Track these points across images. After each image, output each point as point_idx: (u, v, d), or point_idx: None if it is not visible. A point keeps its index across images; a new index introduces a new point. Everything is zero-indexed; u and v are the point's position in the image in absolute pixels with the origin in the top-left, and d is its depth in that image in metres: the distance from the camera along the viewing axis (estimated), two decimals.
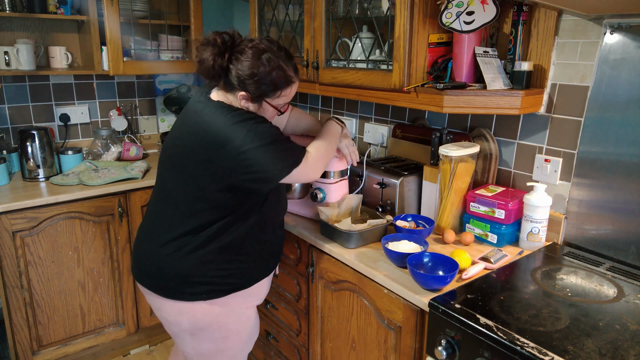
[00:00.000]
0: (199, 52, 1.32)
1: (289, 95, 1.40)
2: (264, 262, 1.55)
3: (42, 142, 2.27)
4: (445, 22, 1.46)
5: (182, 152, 1.38)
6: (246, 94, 1.33)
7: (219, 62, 1.30)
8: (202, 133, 1.33)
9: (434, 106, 1.48)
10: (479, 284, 1.31)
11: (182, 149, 1.39)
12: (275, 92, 1.36)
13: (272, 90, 1.35)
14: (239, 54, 1.31)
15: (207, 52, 1.30)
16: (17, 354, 2.14)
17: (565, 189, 1.56)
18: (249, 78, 1.30)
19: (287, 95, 1.40)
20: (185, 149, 1.37)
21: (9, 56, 2.25)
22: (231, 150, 1.28)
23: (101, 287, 2.31)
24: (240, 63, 1.30)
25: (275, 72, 1.32)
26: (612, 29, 1.38)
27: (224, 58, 1.30)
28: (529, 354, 1.00)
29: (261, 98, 1.35)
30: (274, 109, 1.41)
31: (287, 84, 1.37)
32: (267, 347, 2.10)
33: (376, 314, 1.46)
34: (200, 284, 1.42)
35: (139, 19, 2.49)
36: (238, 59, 1.31)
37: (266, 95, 1.36)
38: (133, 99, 2.82)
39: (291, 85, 1.38)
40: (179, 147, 1.41)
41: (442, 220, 1.63)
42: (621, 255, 1.44)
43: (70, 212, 2.13)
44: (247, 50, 1.31)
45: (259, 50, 1.31)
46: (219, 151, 1.29)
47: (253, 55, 1.30)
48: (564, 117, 1.53)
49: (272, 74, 1.32)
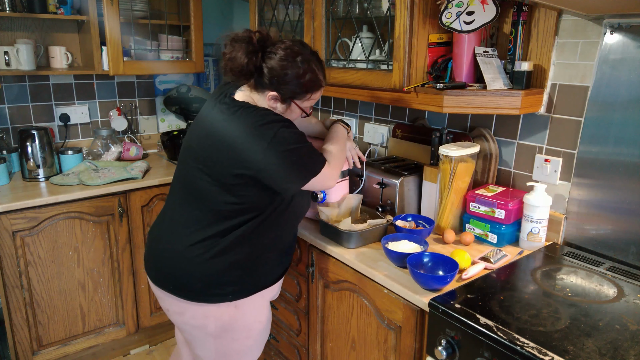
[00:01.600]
0: (230, 49, 1.30)
1: (316, 98, 1.41)
2: (285, 259, 1.57)
3: (42, 142, 2.27)
4: (445, 22, 1.46)
5: (210, 152, 1.35)
6: (277, 94, 1.33)
7: (253, 61, 1.28)
8: (229, 134, 1.32)
9: (434, 106, 1.48)
10: (479, 284, 1.31)
11: (210, 149, 1.35)
12: (305, 95, 1.36)
13: (302, 93, 1.35)
14: (273, 54, 1.31)
15: (240, 49, 1.28)
16: (17, 354, 2.14)
17: (565, 189, 1.56)
18: (282, 78, 1.30)
19: (315, 99, 1.41)
20: (212, 149, 1.35)
21: (9, 56, 2.25)
22: (257, 151, 1.28)
23: (101, 287, 2.31)
24: (275, 63, 1.30)
25: (308, 75, 1.32)
26: (612, 29, 1.38)
27: (257, 57, 1.30)
28: (529, 354, 1.00)
29: (291, 99, 1.36)
30: (300, 110, 1.41)
31: (317, 87, 1.37)
32: (267, 347, 2.10)
33: (376, 314, 1.46)
34: (227, 285, 1.40)
35: (139, 19, 2.49)
36: (272, 58, 1.30)
37: (296, 97, 1.36)
38: (133, 99, 2.82)
39: (320, 89, 1.39)
40: (206, 147, 1.37)
41: (442, 220, 1.63)
42: (621, 255, 1.44)
43: (70, 212, 2.13)
44: (281, 52, 1.30)
45: (294, 52, 1.31)
46: (246, 152, 1.29)
47: (288, 56, 1.30)
48: (564, 117, 1.54)
49: (306, 77, 1.32)
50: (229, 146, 1.31)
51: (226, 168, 1.32)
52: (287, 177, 1.33)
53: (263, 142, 1.27)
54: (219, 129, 1.35)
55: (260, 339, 1.59)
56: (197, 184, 1.39)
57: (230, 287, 1.41)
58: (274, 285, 1.55)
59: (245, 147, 1.29)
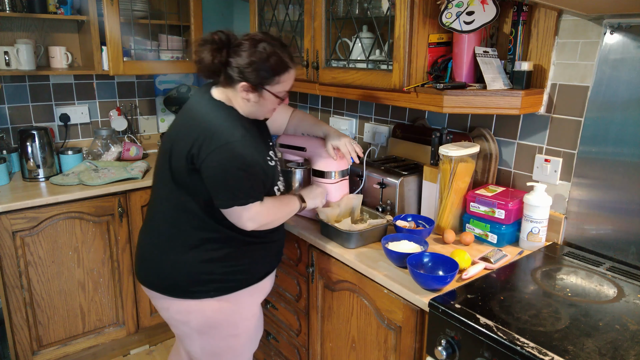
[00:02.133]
0: (198, 53, 1.35)
1: (287, 82, 1.41)
2: (270, 257, 1.57)
3: (42, 142, 2.27)
4: (445, 22, 1.46)
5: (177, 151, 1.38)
6: (247, 84, 1.35)
7: (218, 58, 1.32)
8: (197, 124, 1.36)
9: (434, 106, 1.48)
10: (479, 284, 1.31)
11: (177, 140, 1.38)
12: (273, 78, 1.37)
13: (270, 76, 1.36)
14: (236, 48, 1.34)
15: (206, 50, 1.33)
16: (17, 354, 2.14)
17: (565, 189, 1.56)
18: (248, 66, 1.33)
19: (286, 82, 1.41)
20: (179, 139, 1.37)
21: (9, 56, 2.25)
22: (205, 152, 1.30)
23: (101, 287, 2.31)
24: (239, 55, 1.33)
25: (273, 58, 1.34)
26: (612, 29, 1.38)
27: (222, 53, 1.33)
28: (529, 354, 1.00)
29: (261, 86, 1.37)
30: (274, 97, 1.41)
31: (285, 69, 1.38)
32: (267, 347, 2.10)
33: (376, 314, 1.46)
34: (209, 282, 1.43)
35: (139, 19, 2.49)
36: (236, 52, 1.34)
37: (266, 82, 1.37)
38: (133, 99, 2.82)
39: (288, 70, 1.39)
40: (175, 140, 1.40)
41: (442, 220, 1.63)
42: (621, 255, 1.44)
43: (70, 212, 2.13)
44: (244, 42, 1.34)
45: (255, 40, 1.35)
46: (198, 149, 1.31)
47: (250, 45, 1.34)
48: (564, 117, 1.53)
49: (270, 60, 1.34)
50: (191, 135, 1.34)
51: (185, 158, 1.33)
52: (214, 190, 1.33)
53: (212, 145, 1.29)
54: (190, 120, 1.39)
55: (249, 337, 1.59)
56: (168, 181, 1.42)
57: (212, 284, 1.43)
58: (261, 283, 1.55)
59: (200, 142, 1.31)
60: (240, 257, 1.46)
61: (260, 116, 1.47)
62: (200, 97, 1.43)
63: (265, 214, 1.41)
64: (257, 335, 1.67)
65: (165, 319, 1.57)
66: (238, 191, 1.33)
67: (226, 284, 1.45)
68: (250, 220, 1.38)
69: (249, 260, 1.48)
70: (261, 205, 1.39)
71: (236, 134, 1.32)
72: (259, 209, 1.38)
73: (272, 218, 1.45)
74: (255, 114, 1.44)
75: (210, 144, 1.29)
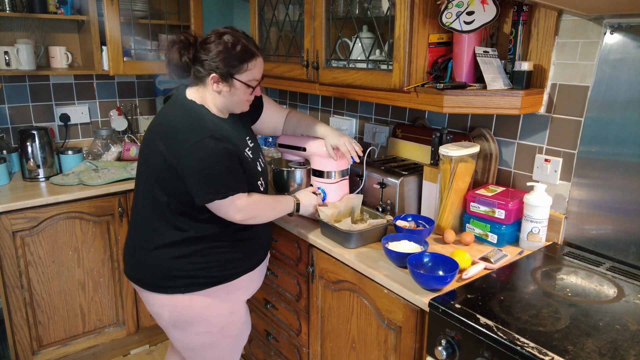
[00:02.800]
0: (167, 55, 1.41)
1: (255, 69, 1.43)
2: (246, 255, 1.56)
3: (42, 142, 2.27)
4: (445, 22, 1.46)
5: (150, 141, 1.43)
6: (216, 75, 1.38)
7: (186, 55, 1.38)
8: (168, 124, 1.41)
9: (434, 106, 1.48)
10: (479, 284, 1.31)
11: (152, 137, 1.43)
12: (241, 66, 1.39)
13: (238, 64, 1.39)
14: (203, 44, 1.39)
15: (174, 50, 1.38)
16: (17, 354, 2.14)
17: (565, 189, 1.56)
18: (216, 57, 1.37)
19: (254, 70, 1.43)
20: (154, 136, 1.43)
21: (9, 56, 2.25)
22: (178, 151, 1.33)
23: (101, 287, 2.31)
24: (206, 49, 1.38)
25: (238, 47, 1.38)
26: (612, 29, 1.38)
27: (190, 52, 1.38)
28: (529, 354, 1.00)
29: (230, 75, 1.39)
30: (245, 86, 1.43)
31: (251, 56, 1.41)
32: (267, 347, 2.10)
33: (376, 314, 1.46)
34: (178, 278, 1.45)
35: (139, 19, 2.49)
36: (203, 47, 1.38)
37: (234, 71, 1.39)
38: (133, 99, 2.82)
39: (255, 58, 1.42)
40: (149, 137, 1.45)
41: (442, 220, 1.63)
42: (621, 255, 1.44)
43: (70, 212, 2.13)
44: (210, 37, 1.40)
45: (220, 33, 1.40)
46: (172, 151, 1.34)
47: (215, 38, 1.38)
48: (564, 117, 1.54)
49: (236, 48, 1.38)
50: (163, 135, 1.39)
51: (159, 157, 1.38)
52: (193, 187, 1.35)
53: (185, 145, 1.32)
54: (162, 120, 1.44)
55: (228, 335, 1.59)
56: (145, 178, 1.47)
57: (182, 280, 1.45)
58: (237, 282, 1.54)
59: (172, 144, 1.35)
60: (209, 255, 1.47)
61: (236, 109, 1.49)
62: (174, 99, 1.48)
63: (254, 206, 1.43)
64: (240, 334, 1.66)
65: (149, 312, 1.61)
66: (217, 185, 1.35)
67: (196, 280, 1.47)
68: (238, 212, 1.40)
69: (218, 258, 1.48)
70: (249, 197, 1.42)
71: (206, 131, 1.35)
72: (246, 200, 1.40)
73: (261, 212, 1.48)
74: (230, 107, 1.47)
75: (183, 143, 1.32)
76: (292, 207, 1.61)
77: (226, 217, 1.41)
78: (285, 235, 1.81)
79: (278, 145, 1.84)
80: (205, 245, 1.46)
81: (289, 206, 1.60)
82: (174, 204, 1.41)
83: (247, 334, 1.71)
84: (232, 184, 1.37)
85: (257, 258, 1.61)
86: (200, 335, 1.54)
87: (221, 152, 1.34)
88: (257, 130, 1.74)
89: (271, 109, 1.74)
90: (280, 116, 1.77)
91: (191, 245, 1.44)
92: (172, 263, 1.44)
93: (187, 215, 1.43)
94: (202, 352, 1.59)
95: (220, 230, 1.46)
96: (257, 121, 1.71)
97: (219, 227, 1.46)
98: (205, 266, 1.46)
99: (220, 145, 1.34)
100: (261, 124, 1.73)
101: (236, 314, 1.60)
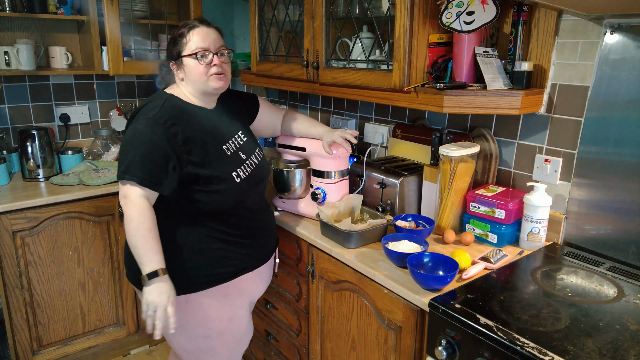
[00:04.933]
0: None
1: (194, 39, 1.43)
2: (244, 254, 1.52)
3: (42, 142, 2.27)
4: (445, 22, 1.46)
5: None
6: (172, 62, 1.48)
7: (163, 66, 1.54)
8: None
9: (434, 106, 1.48)
10: (479, 284, 1.31)
11: None
12: (181, 41, 1.44)
13: (179, 42, 1.45)
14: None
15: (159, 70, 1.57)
16: (17, 354, 2.14)
17: (566, 189, 1.56)
18: (165, 49, 1.53)
19: (193, 39, 1.43)
20: None
21: (9, 56, 2.25)
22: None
23: (101, 287, 2.31)
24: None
25: (175, 31, 1.47)
26: (612, 29, 1.38)
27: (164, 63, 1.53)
28: (529, 354, 1.00)
29: (177, 55, 1.45)
30: (195, 60, 1.42)
31: (187, 29, 1.45)
32: (267, 347, 2.10)
33: (376, 314, 1.46)
34: (174, 278, 1.38)
35: (139, 19, 2.49)
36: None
37: (180, 50, 1.45)
38: (133, 99, 2.82)
39: (191, 29, 1.44)
40: None
41: (442, 220, 1.63)
42: (621, 255, 1.44)
43: (70, 212, 2.13)
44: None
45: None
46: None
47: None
48: (564, 117, 1.54)
49: (174, 33, 1.48)
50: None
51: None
52: (119, 164, 1.36)
53: (128, 124, 1.43)
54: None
55: (224, 340, 1.56)
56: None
57: (177, 281, 1.39)
58: (236, 282, 1.51)
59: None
60: (202, 252, 1.43)
61: (204, 87, 1.45)
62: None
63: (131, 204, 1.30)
64: (240, 339, 1.62)
65: None
66: (121, 164, 1.33)
67: (191, 280, 1.43)
68: (122, 198, 1.33)
69: (205, 257, 1.44)
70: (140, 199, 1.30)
71: (150, 113, 1.37)
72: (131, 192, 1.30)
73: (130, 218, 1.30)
74: (198, 88, 1.47)
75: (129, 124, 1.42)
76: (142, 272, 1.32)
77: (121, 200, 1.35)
78: (285, 235, 1.81)
79: (278, 145, 1.84)
80: (196, 240, 1.42)
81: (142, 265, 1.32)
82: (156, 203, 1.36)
83: (248, 339, 1.67)
84: (129, 169, 1.30)
85: (257, 259, 1.58)
86: (199, 340, 1.51)
87: (145, 138, 1.33)
88: (256, 131, 1.74)
89: (267, 108, 1.74)
90: (278, 116, 1.77)
91: (181, 242, 1.41)
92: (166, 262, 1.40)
93: (170, 211, 1.39)
94: (201, 357, 1.56)
95: (210, 224, 1.43)
96: (254, 120, 1.71)
97: (208, 221, 1.43)
98: (198, 264, 1.43)
99: (150, 129, 1.33)
100: (259, 124, 1.73)
101: (237, 320, 1.57)
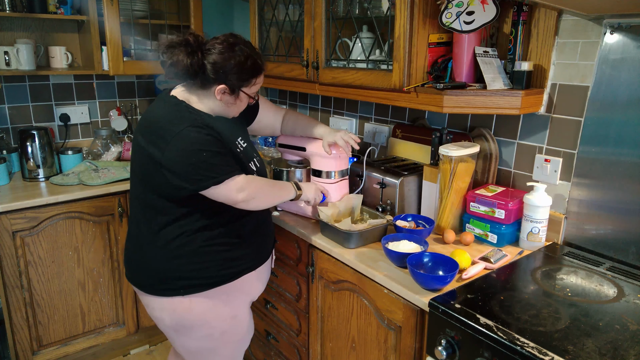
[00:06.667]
0: (169, 55, 1.34)
1: (259, 83, 1.46)
2: (245, 255, 1.52)
3: (42, 142, 2.27)
4: (445, 22, 1.46)
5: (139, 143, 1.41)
6: (225, 87, 1.38)
7: (196, 60, 1.33)
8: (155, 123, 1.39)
9: (434, 106, 1.48)
10: (479, 284, 1.31)
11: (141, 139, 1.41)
12: (250, 81, 1.42)
13: (248, 79, 1.41)
14: (211, 50, 1.36)
15: (180, 53, 1.33)
16: (17, 354, 2.14)
17: (565, 189, 1.56)
18: (227, 69, 1.35)
19: (259, 84, 1.46)
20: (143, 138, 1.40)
21: (9, 56, 2.25)
22: (160, 146, 1.32)
23: (101, 287, 2.31)
24: (216, 57, 1.35)
25: (249, 61, 1.38)
26: (612, 29, 1.38)
27: (198, 56, 1.34)
28: (529, 354, 1.00)
29: (239, 89, 1.41)
30: (248, 97, 1.45)
31: (259, 71, 1.43)
32: (267, 347, 2.10)
33: (376, 314, 1.46)
34: (177, 279, 1.43)
35: (139, 19, 2.49)
36: (212, 53, 1.35)
37: (243, 85, 1.41)
38: (133, 99, 2.82)
39: (262, 73, 1.45)
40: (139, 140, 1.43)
41: (442, 220, 1.63)
42: (621, 255, 1.44)
43: (70, 212, 2.13)
44: (219, 45, 1.36)
45: (230, 43, 1.37)
46: (154, 144, 1.34)
47: (226, 48, 1.36)
48: (564, 117, 1.54)
49: (247, 63, 1.38)
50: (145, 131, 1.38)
51: (143, 154, 1.38)
52: (187, 179, 1.33)
53: (167, 138, 1.31)
54: (145, 117, 1.44)
55: (227, 340, 1.57)
56: (134, 178, 1.47)
57: (181, 282, 1.43)
58: (238, 283, 1.51)
59: (154, 140, 1.34)
60: (206, 254, 1.44)
61: (229, 116, 1.48)
62: (158, 97, 1.49)
63: (253, 184, 1.41)
64: (242, 338, 1.63)
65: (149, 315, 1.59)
66: (208, 171, 1.32)
67: (194, 282, 1.44)
68: (239, 192, 1.37)
69: (215, 257, 1.45)
70: (247, 177, 1.39)
71: (185, 121, 1.34)
72: (244, 179, 1.38)
73: (261, 192, 1.45)
74: (224, 114, 1.46)
75: (166, 136, 1.31)
76: (292, 194, 1.59)
77: (228, 201, 1.38)
78: (285, 235, 1.81)
79: (278, 145, 1.84)
80: (200, 244, 1.43)
81: (289, 192, 1.58)
82: (160, 202, 1.39)
83: (249, 338, 1.68)
84: (224, 166, 1.35)
85: (257, 259, 1.58)
86: (202, 340, 1.52)
87: (205, 139, 1.32)
88: (255, 130, 1.74)
89: (267, 109, 1.74)
90: (278, 116, 1.77)
91: (185, 245, 1.42)
92: (168, 264, 1.42)
93: (176, 212, 1.40)
94: (204, 356, 1.57)
95: (214, 227, 1.44)
96: (253, 122, 1.70)
97: (212, 225, 1.43)
98: (202, 266, 1.44)
99: (203, 132, 1.33)
100: (258, 124, 1.72)
101: (239, 318, 1.58)
